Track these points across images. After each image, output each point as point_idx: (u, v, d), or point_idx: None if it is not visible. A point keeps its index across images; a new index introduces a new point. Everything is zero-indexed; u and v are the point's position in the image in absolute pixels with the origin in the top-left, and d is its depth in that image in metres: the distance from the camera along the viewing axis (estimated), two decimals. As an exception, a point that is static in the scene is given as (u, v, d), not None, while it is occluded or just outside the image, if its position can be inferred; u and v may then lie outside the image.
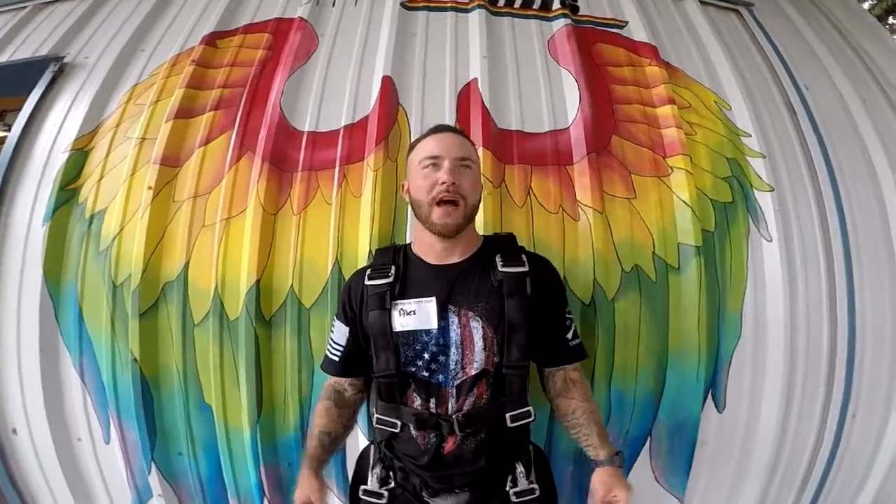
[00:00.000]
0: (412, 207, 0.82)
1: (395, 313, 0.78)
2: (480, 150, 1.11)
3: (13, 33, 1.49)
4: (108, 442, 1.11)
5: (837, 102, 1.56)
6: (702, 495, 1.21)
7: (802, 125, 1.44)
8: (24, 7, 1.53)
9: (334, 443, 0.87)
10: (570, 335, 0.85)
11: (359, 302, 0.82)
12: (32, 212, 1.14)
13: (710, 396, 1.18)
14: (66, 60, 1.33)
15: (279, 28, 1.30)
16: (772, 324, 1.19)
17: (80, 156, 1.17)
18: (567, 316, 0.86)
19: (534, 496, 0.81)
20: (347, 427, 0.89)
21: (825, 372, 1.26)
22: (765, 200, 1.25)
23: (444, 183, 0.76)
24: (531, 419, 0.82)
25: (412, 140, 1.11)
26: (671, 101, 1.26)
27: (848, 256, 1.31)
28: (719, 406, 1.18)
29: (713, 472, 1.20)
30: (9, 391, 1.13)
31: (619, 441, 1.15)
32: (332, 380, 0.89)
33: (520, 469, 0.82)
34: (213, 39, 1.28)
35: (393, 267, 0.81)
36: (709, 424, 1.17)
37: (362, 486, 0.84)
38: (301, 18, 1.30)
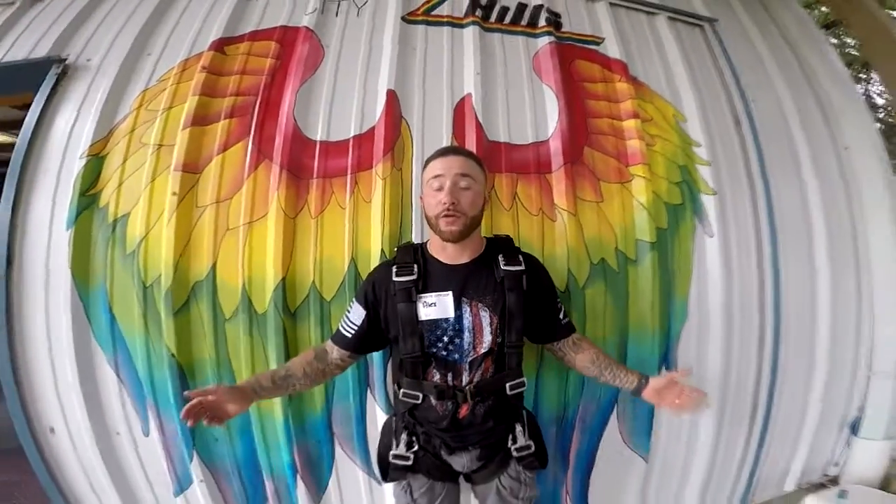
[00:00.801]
0: (425, 217, 1.13)
1: (419, 305, 1.09)
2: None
3: (6, 29, 1.61)
4: (147, 434, 1.38)
5: (777, 113, 2.04)
6: (662, 455, 1.67)
7: (745, 135, 1.89)
8: (13, 2, 1.64)
9: (280, 385, 1.09)
10: (561, 316, 1.22)
11: (384, 293, 1.12)
12: (52, 216, 1.36)
13: (663, 369, 1.61)
14: (68, 62, 1.49)
15: (286, 36, 1.55)
16: (712, 307, 1.66)
17: (96, 161, 1.39)
18: (558, 302, 1.22)
19: (530, 451, 1.18)
20: (305, 383, 1.13)
21: (756, 347, 1.75)
22: (709, 203, 1.70)
23: (444, 203, 1.06)
24: (524, 388, 1.18)
25: (414, 153, 1.45)
26: (636, 116, 1.66)
27: (775, 250, 1.80)
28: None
29: (669, 436, 1.66)
30: (44, 392, 1.37)
31: (593, 407, 1.58)
32: (327, 344, 1.18)
33: (519, 429, 1.18)
34: (221, 46, 1.51)
35: (415, 265, 1.12)
36: None
37: (391, 452, 1.17)
38: (307, 28, 1.55)
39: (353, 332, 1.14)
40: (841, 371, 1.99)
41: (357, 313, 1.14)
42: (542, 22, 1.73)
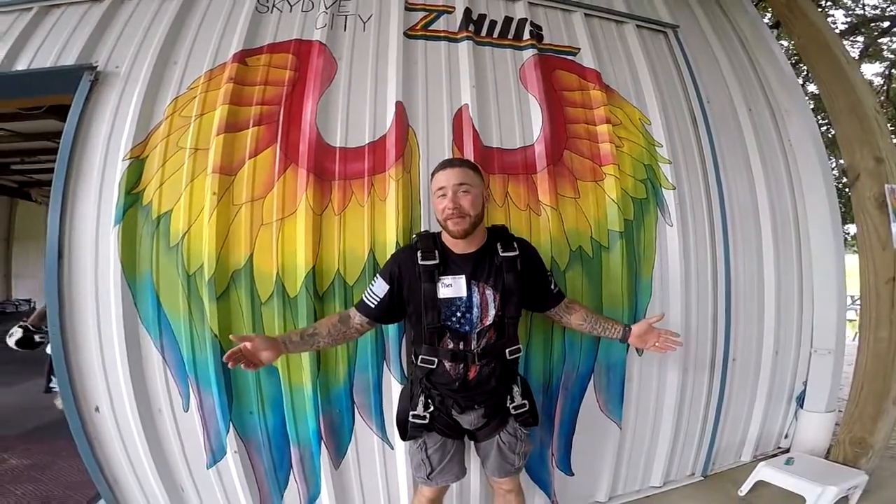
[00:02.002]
0: (437, 219, 1.70)
1: (439, 285, 1.65)
2: (473, 163, 1.99)
3: (26, 35, 2.03)
4: (186, 410, 1.90)
5: (730, 112, 2.80)
6: (633, 423, 2.35)
7: (701, 134, 2.62)
8: (30, 8, 2.07)
9: (307, 341, 1.63)
10: (552, 287, 1.82)
11: (410, 272, 1.67)
12: (99, 214, 1.85)
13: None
14: (98, 69, 1.95)
15: (301, 49, 2.11)
16: (672, 286, 2.40)
17: (137, 163, 1.89)
18: (548, 276, 1.82)
19: (525, 409, 1.78)
20: (328, 343, 1.68)
21: (710, 323, 2.51)
22: (669, 196, 2.40)
23: (447, 209, 1.59)
24: (521, 353, 1.79)
25: (420, 158, 2.03)
26: (608, 121, 2.32)
27: (726, 237, 2.59)
28: (639, 350, 2.32)
29: (639, 405, 2.36)
30: (91, 374, 1.85)
31: (573, 375, 2.25)
32: (351, 311, 1.72)
33: (516, 389, 1.78)
34: (242, 57, 2.04)
35: (436, 251, 1.67)
36: (633, 365, 2.33)
37: (411, 412, 1.73)
38: (320, 43, 2.10)
39: (375, 302, 1.68)
40: (786, 348, 2.83)
41: (381, 287, 1.67)
42: (525, 35, 2.39)
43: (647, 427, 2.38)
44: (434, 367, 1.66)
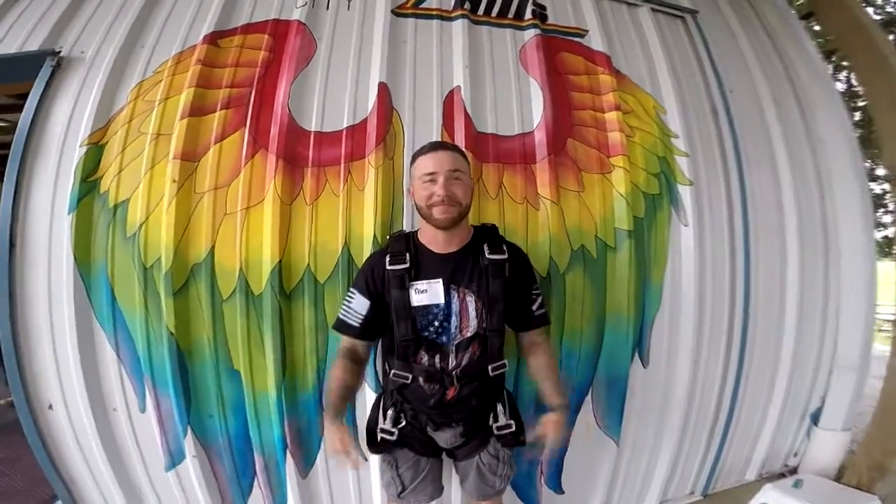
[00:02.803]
0: (416, 208, 1.26)
1: (412, 291, 1.22)
2: (463, 152, 1.57)
3: None
4: (143, 410, 1.51)
5: (754, 104, 2.22)
6: (633, 439, 1.84)
7: (722, 126, 2.06)
8: None
9: (351, 395, 1.29)
10: (535, 307, 1.32)
11: (381, 281, 1.25)
12: (53, 202, 1.47)
13: (636, 355, 1.78)
14: (62, 54, 1.59)
15: (278, 30, 1.66)
16: (685, 293, 1.84)
17: (96, 150, 1.50)
18: (534, 292, 1.33)
19: (510, 430, 1.32)
20: (359, 381, 1.33)
21: (725, 334, 1.94)
22: (685, 193, 1.86)
23: (439, 195, 1.17)
24: (506, 369, 1.33)
25: (405, 143, 1.58)
26: (617, 108, 1.81)
27: (747, 240, 2.00)
28: (644, 362, 1.80)
29: (640, 420, 1.83)
30: (44, 370, 1.49)
31: (569, 387, 1.73)
32: (347, 343, 1.30)
33: (500, 408, 1.33)
34: (214, 39, 1.62)
35: (407, 254, 1.24)
36: (636, 378, 1.79)
37: (379, 426, 1.31)
38: (299, 22, 1.66)
39: (360, 321, 1.26)
40: (805, 362, 2.21)
41: (361, 304, 1.25)
42: (528, 14, 1.87)
43: (647, 444, 1.87)
44: (408, 382, 1.27)
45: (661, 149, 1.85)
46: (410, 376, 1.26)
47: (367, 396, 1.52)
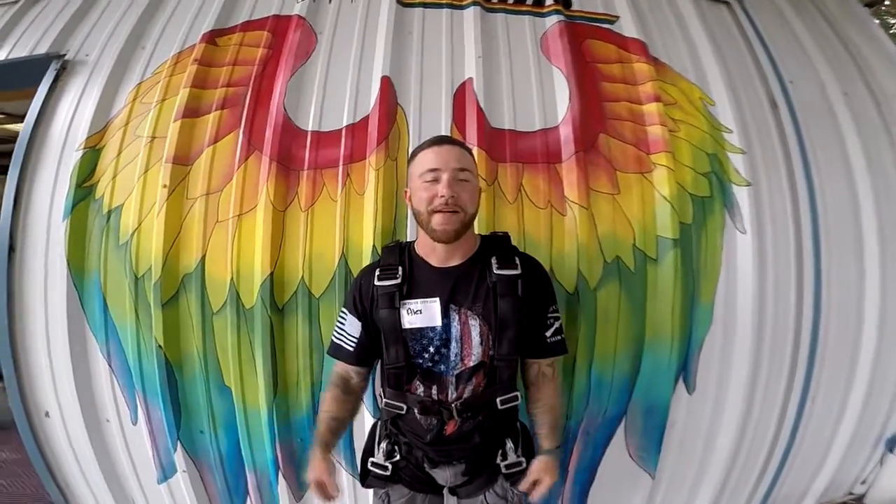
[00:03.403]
0: (413, 215, 0.95)
1: (403, 312, 0.92)
2: (475, 150, 1.25)
3: (9, 28, 1.58)
4: (135, 423, 1.28)
5: (820, 96, 1.71)
6: (671, 473, 1.42)
7: (783, 120, 1.59)
8: (16, 1, 1.61)
9: (341, 427, 1.03)
10: (549, 333, 0.99)
11: (370, 300, 0.96)
12: (51, 208, 1.29)
13: (681, 380, 1.37)
14: (67, 58, 1.43)
15: (278, 26, 1.40)
16: (741, 312, 1.38)
17: (92, 154, 1.30)
18: (550, 315, 0.99)
19: (521, 468, 0.98)
20: (353, 412, 1.05)
21: (789, 358, 1.46)
22: (741, 195, 1.41)
23: (443, 196, 0.88)
24: (518, 402, 0.98)
25: (410, 142, 1.26)
26: (657, 99, 1.40)
27: (817, 249, 1.49)
28: (689, 389, 1.37)
29: (682, 451, 1.40)
30: (40, 377, 1.30)
31: (598, 420, 1.35)
32: (339, 368, 1.02)
33: (509, 445, 1.00)
34: (212, 37, 1.38)
35: (400, 268, 0.95)
36: (679, 406, 1.37)
37: (370, 458, 1.02)
38: (299, 16, 1.40)
39: (353, 345, 0.99)
40: (883, 385, 1.63)
41: (353, 325, 0.99)
42: (549, 0, 1.49)
43: (687, 478, 1.44)
44: (403, 412, 0.97)
45: (712, 145, 1.40)
46: (405, 407, 0.96)
47: (367, 419, 1.23)
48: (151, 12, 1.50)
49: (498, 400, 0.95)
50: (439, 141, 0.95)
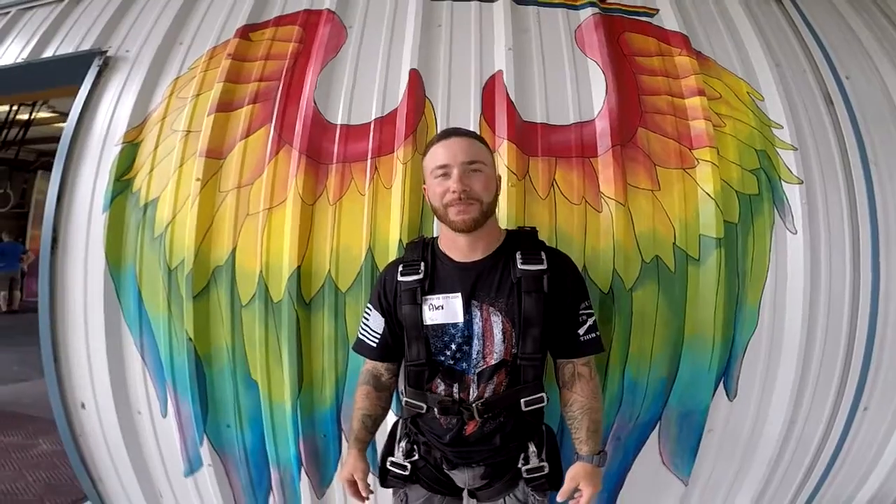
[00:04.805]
0: (432, 210, 0.91)
1: (425, 308, 0.88)
2: (505, 144, 1.17)
3: (56, 26, 1.61)
4: (164, 415, 1.26)
5: (880, 92, 1.53)
6: (706, 480, 1.30)
7: (839, 116, 1.42)
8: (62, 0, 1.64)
9: (375, 424, 0.99)
10: (582, 330, 0.91)
11: (393, 295, 0.92)
12: (92, 201, 1.29)
13: (721, 385, 1.24)
14: (109, 54, 1.44)
15: (308, 20, 1.37)
16: (790, 316, 1.24)
17: (131, 148, 1.30)
18: (582, 311, 0.92)
19: (543, 473, 0.92)
20: (386, 408, 1.01)
21: (840, 366, 1.30)
22: (793, 193, 1.27)
23: (454, 191, 0.84)
24: (544, 404, 0.92)
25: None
26: (701, 93, 1.28)
27: (876, 252, 1.33)
28: (730, 394, 1.25)
29: (719, 458, 1.28)
30: (78, 368, 1.30)
31: (630, 425, 1.24)
32: (369, 364, 0.99)
33: (532, 448, 0.92)
34: (246, 32, 1.36)
35: (422, 263, 0.91)
36: (718, 412, 1.25)
37: (389, 458, 0.97)
38: (329, 10, 1.36)
39: (376, 341, 0.96)
40: None
41: (377, 321, 0.95)
42: None
43: (722, 485, 1.30)
44: (423, 411, 0.92)
45: (760, 141, 1.26)
46: (425, 406, 0.91)
47: (389, 419, 1.15)
48: (189, 7, 1.49)
49: (522, 401, 0.89)
50: (447, 134, 0.92)
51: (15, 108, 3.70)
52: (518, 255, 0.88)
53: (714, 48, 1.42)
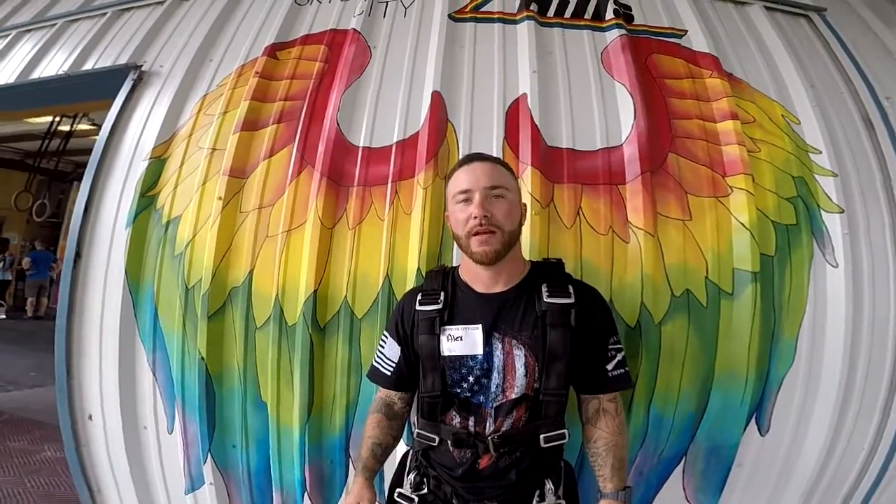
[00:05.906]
0: (454, 238, 0.86)
1: (443, 338, 0.83)
2: (529, 170, 1.11)
3: (96, 40, 1.62)
4: (171, 432, 1.22)
5: None
6: None
7: (880, 140, 1.32)
8: (104, 13, 1.66)
9: (385, 453, 0.93)
10: (611, 365, 0.85)
11: (410, 324, 0.87)
12: (116, 215, 1.27)
13: (753, 420, 1.14)
14: (144, 69, 1.43)
15: (335, 40, 1.34)
16: (829, 352, 1.14)
17: (157, 164, 1.28)
18: (611, 346, 0.86)
19: None
20: (397, 438, 0.95)
21: (881, 401, 1.19)
22: (833, 223, 1.18)
23: (476, 217, 0.79)
24: (565, 441, 0.85)
25: (461, 156, 1.11)
26: (733, 116, 1.20)
27: None
28: (762, 429, 1.15)
29: (745, 494, 1.17)
30: (89, 380, 1.26)
31: (653, 461, 1.15)
32: (382, 393, 0.94)
33: (549, 486, 0.85)
34: (273, 51, 1.34)
35: (442, 293, 0.86)
36: (748, 447, 1.15)
37: (397, 489, 0.90)
38: (354, 30, 1.33)
39: (391, 369, 0.91)
40: None
41: (392, 350, 0.90)
42: (609, 14, 1.33)
43: None
44: (435, 444, 0.86)
45: (797, 167, 1.18)
46: (437, 438, 0.86)
47: (399, 448, 1.08)
48: (222, 23, 1.48)
49: (542, 437, 0.83)
50: (470, 159, 0.87)
51: (57, 119, 3.80)
52: (544, 288, 0.83)
53: (746, 69, 1.34)
